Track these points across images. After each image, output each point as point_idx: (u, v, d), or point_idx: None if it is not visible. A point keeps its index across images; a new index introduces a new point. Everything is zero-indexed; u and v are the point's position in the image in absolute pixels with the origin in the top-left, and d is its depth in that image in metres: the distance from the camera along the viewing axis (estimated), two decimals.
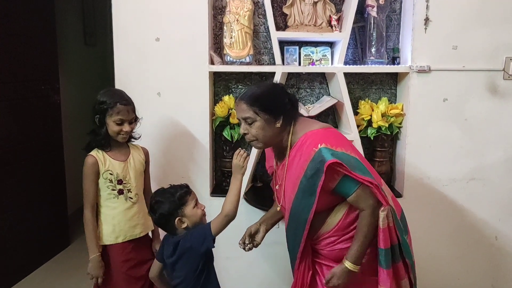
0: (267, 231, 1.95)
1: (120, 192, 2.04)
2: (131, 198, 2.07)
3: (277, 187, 1.85)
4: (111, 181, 2.02)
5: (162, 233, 2.29)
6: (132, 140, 2.14)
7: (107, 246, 2.04)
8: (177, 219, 1.80)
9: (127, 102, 2.02)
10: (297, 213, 1.71)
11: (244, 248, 1.92)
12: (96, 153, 2.03)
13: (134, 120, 2.06)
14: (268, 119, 1.69)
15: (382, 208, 1.66)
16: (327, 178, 1.60)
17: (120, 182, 2.04)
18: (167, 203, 1.81)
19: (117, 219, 2.05)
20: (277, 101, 1.72)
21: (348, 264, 1.67)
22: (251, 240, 1.93)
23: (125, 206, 2.06)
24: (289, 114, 1.75)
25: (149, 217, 2.16)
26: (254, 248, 1.93)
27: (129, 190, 2.06)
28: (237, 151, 1.82)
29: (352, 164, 1.62)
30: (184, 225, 1.82)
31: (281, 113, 1.71)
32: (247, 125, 1.72)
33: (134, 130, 2.09)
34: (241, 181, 1.80)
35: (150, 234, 2.25)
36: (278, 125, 1.70)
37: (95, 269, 1.99)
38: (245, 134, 1.75)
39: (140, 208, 2.12)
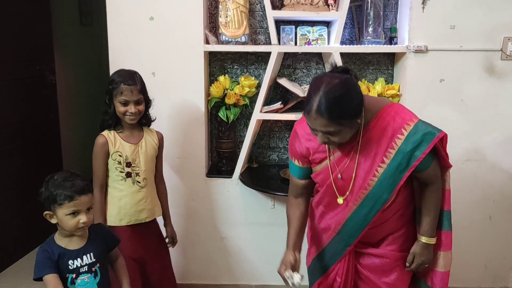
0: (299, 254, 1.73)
1: (128, 175, 2.02)
2: (139, 182, 2.05)
3: (339, 176, 1.63)
4: (119, 162, 2.01)
5: (171, 219, 2.30)
6: (150, 123, 2.12)
7: (112, 227, 2.03)
8: (46, 212, 1.61)
9: (132, 82, 1.96)
10: (377, 193, 1.58)
11: (294, 283, 1.58)
12: (107, 133, 2.01)
13: (141, 101, 2.01)
14: (352, 122, 1.49)
15: (447, 170, 1.68)
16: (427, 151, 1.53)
17: (128, 164, 2.02)
18: (47, 190, 1.59)
19: (123, 201, 2.03)
20: (357, 101, 1.48)
21: (424, 239, 1.66)
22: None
23: (132, 190, 2.04)
24: (363, 100, 1.53)
25: (157, 202, 2.17)
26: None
27: (137, 174, 2.04)
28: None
29: None
30: (55, 221, 1.62)
31: (361, 108, 1.50)
32: (328, 135, 1.49)
33: (148, 113, 2.07)
34: None
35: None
36: (359, 121, 1.52)
37: None
38: (324, 142, 1.53)
39: (148, 193, 2.09)
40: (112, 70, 2.44)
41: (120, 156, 2.00)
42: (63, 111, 3.63)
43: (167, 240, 2.25)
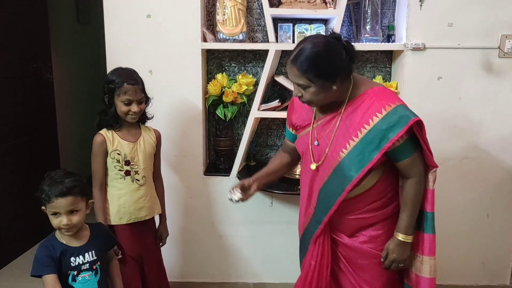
0: (258, 189, 1.80)
1: (127, 173, 2.01)
2: (138, 180, 2.04)
3: (316, 143, 1.68)
4: (118, 161, 1.99)
5: (169, 218, 2.29)
6: (147, 119, 2.10)
7: (112, 226, 2.01)
8: (42, 207, 1.62)
9: (135, 82, 1.96)
10: (346, 168, 1.59)
11: (232, 198, 1.74)
12: (105, 132, 1.99)
13: (143, 100, 2.00)
14: (323, 84, 1.53)
15: (432, 170, 1.63)
16: (403, 134, 1.53)
17: (127, 163, 2.00)
18: (41, 187, 1.59)
19: (123, 200, 2.02)
20: (333, 64, 1.53)
21: (400, 236, 1.63)
22: (242, 193, 1.77)
23: (131, 188, 2.03)
24: (347, 71, 1.58)
25: (156, 200, 2.16)
26: (244, 200, 1.76)
27: (136, 172, 2.03)
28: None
29: None
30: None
31: (338, 75, 1.54)
32: (300, 88, 1.57)
33: (146, 111, 2.06)
34: None
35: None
36: (335, 87, 1.54)
37: None
38: (298, 96, 1.60)
39: (148, 191, 2.08)
40: (110, 68, 2.43)
41: (118, 154, 1.99)
42: (60, 109, 3.62)
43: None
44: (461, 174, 2.59)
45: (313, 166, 1.68)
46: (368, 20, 2.53)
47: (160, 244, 2.25)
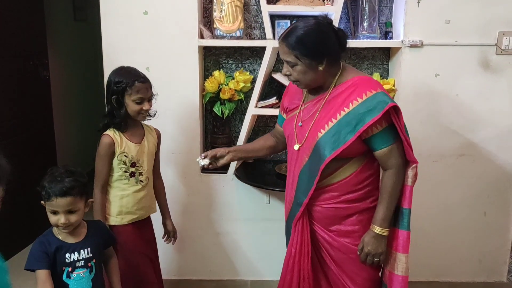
0: (231, 161, 1.91)
1: (132, 174, 1.99)
2: (142, 181, 2.02)
3: (299, 124, 1.73)
4: (124, 163, 1.97)
5: (174, 213, 2.27)
6: (149, 118, 2.06)
7: (114, 226, 2.00)
8: (42, 201, 1.61)
9: (145, 80, 1.95)
10: (321, 148, 1.63)
11: (199, 161, 1.84)
12: (113, 133, 1.95)
13: (152, 97, 1.99)
14: (310, 63, 1.60)
15: (412, 166, 1.64)
16: (379, 120, 1.55)
17: (133, 164, 1.98)
18: (42, 182, 1.59)
19: (125, 200, 2.00)
20: (320, 45, 1.60)
21: (376, 229, 1.64)
22: (212, 160, 1.86)
23: (134, 189, 2.01)
24: (335, 56, 1.64)
25: (154, 200, 2.16)
26: (209, 167, 1.86)
27: (140, 173, 2.01)
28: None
29: None
30: None
31: (325, 56, 1.60)
32: (289, 66, 1.64)
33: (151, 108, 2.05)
34: None
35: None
36: (321, 68, 1.61)
37: None
38: (287, 75, 1.67)
39: (148, 191, 2.08)
40: (106, 65, 2.42)
41: (125, 156, 1.97)
42: (56, 107, 3.60)
43: (165, 236, 2.25)
44: (458, 171, 2.59)
45: (296, 147, 1.73)
46: (365, 17, 2.52)
47: (172, 242, 2.27)
